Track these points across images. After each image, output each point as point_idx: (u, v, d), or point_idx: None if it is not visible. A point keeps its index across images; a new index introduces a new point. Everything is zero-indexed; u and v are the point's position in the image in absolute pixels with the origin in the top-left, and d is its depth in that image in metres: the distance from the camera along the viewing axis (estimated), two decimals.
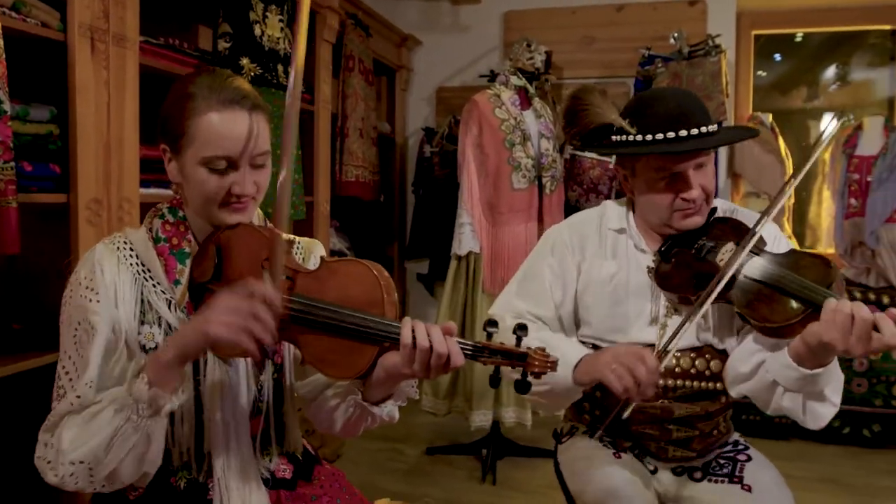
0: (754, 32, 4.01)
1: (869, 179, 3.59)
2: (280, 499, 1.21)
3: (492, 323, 1.05)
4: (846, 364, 3.26)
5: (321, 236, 2.95)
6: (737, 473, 1.44)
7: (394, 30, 3.91)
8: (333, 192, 3.24)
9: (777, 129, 3.80)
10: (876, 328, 1.10)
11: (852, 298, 1.13)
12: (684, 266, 1.38)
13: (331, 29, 2.89)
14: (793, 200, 3.87)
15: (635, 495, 1.34)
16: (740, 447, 1.52)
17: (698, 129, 1.34)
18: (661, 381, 1.41)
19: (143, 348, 1.12)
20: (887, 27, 3.94)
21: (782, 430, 3.36)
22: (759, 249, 1.33)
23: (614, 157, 1.62)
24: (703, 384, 1.44)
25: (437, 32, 4.18)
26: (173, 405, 1.03)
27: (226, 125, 1.09)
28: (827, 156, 3.88)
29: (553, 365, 0.99)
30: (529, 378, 0.99)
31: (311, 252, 1.34)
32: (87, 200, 1.75)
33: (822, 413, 1.28)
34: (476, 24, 4.11)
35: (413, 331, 1.00)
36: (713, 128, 1.37)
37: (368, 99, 3.39)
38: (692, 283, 1.35)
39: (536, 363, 0.98)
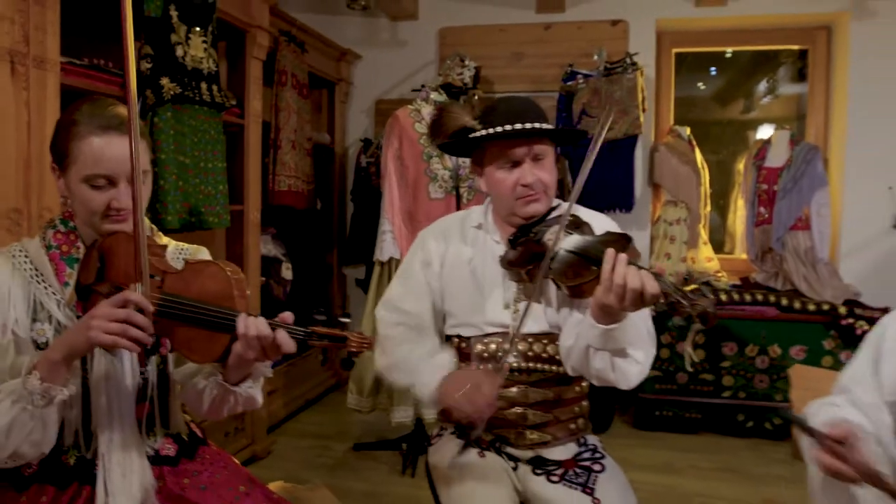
0: (675, 50, 4.25)
1: (776, 189, 3.85)
2: (163, 473, 1.37)
3: (345, 315, 1.24)
4: (749, 361, 3.50)
5: (251, 243, 3.11)
6: (589, 485, 1.56)
7: (332, 45, 4.08)
8: (267, 201, 3.40)
9: (694, 142, 4.04)
10: (642, 295, 1.27)
11: (762, 302, 1.26)
12: (524, 250, 1.56)
13: (261, 47, 3.05)
14: (709, 209, 4.12)
15: (496, 499, 1.49)
16: (597, 455, 1.64)
17: (531, 124, 1.53)
18: (519, 364, 1.58)
19: (35, 343, 1.28)
20: (796, 47, 4.21)
21: (692, 424, 3.59)
22: (576, 229, 1.50)
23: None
24: (554, 368, 1.59)
25: (376, 47, 4.37)
26: (64, 395, 1.19)
27: (104, 147, 1.26)
28: (741, 167, 4.14)
29: (369, 345, 1.19)
30: (353, 358, 1.18)
31: (196, 256, 1.51)
32: (6, 210, 1.89)
33: (628, 371, 1.44)
34: (413, 40, 4.31)
35: (245, 322, 1.19)
36: (547, 126, 1.55)
37: (302, 111, 3.56)
38: (528, 264, 1.52)
39: (354, 345, 1.18)
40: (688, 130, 4.03)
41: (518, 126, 1.52)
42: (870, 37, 3.76)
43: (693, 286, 1.17)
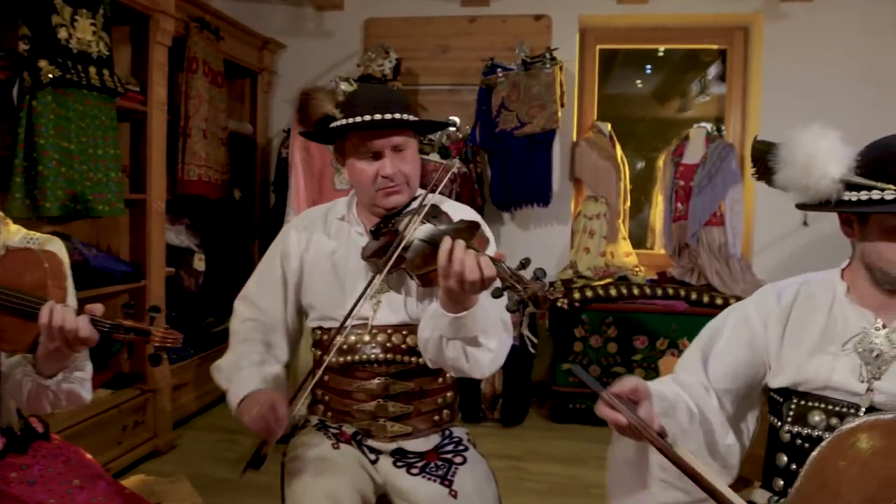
0: (599, 47, 4.29)
1: (692, 185, 3.92)
2: None
3: (154, 309, 1.21)
4: (659, 354, 3.56)
5: (154, 232, 3.04)
6: (448, 477, 1.56)
7: (253, 33, 4.01)
8: (176, 190, 3.33)
9: (615, 138, 4.09)
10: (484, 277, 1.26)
11: (673, 296, 1.26)
12: (383, 240, 1.55)
13: (165, 32, 2.98)
14: (629, 204, 4.17)
15: (336, 492, 1.47)
16: (460, 448, 1.63)
17: (392, 115, 1.51)
18: (377, 357, 1.57)
19: None
20: (716, 47, 4.29)
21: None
22: (433, 218, 1.49)
23: (333, 148, 1.73)
24: (414, 359, 1.57)
25: (302, 37, 4.31)
26: None
27: None
28: (661, 163, 4.21)
29: (174, 340, 1.16)
30: (159, 353, 1.16)
31: (44, 247, 1.46)
32: None
33: (481, 359, 1.44)
34: (338, 30, 4.27)
35: (49, 311, 1.15)
36: (408, 117, 1.53)
37: (216, 100, 3.49)
38: (383, 252, 1.51)
39: (158, 339, 1.16)
40: (609, 126, 4.08)
41: (378, 116, 1.50)
42: (782, 38, 3.86)
43: (520, 271, 1.18)
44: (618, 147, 4.08)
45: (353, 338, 1.60)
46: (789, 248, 3.95)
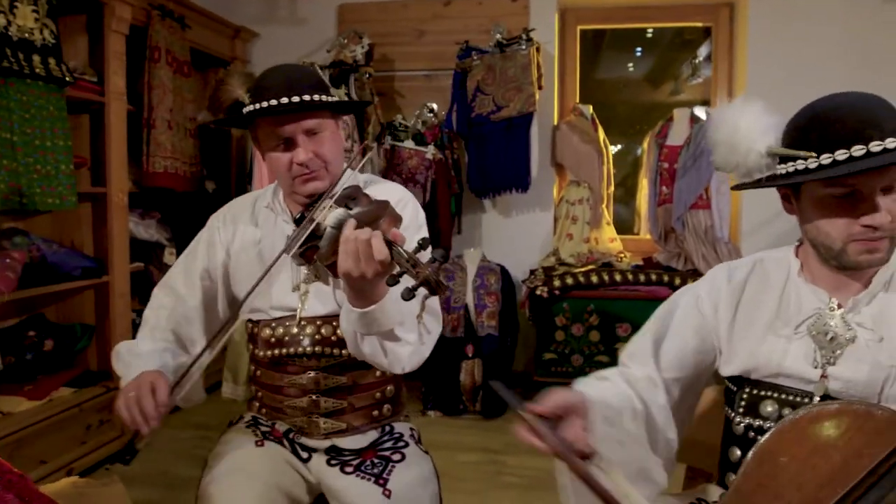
0: (580, 27, 4.17)
1: (676, 167, 3.81)
2: None
3: None
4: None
5: (117, 226, 2.97)
6: (383, 475, 1.47)
7: (222, 22, 3.92)
8: (142, 182, 3.26)
9: (597, 121, 3.98)
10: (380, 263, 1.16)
11: (656, 282, 1.18)
12: (302, 227, 1.46)
13: (121, 20, 2.90)
14: (612, 189, 4.07)
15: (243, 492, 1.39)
16: (401, 444, 1.55)
17: (300, 97, 1.41)
18: (305, 350, 1.48)
19: None
20: (700, 24, 4.16)
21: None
22: (351, 201, 1.39)
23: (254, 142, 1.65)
24: (345, 351, 1.45)
25: (275, 24, 4.22)
26: None
27: None
28: (646, 145, 4.09)
29: None
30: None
31: None
32: None
33: (399, 353, 1.34)
34: (312, 17, 4.17)
35: None
36: (321, 97, 1.44)
37: (182, 90, 3.41)
38: (305, 244, 1.41)
39: None
40: (590, 109, 3.96)
41: (284, 100, 1.41)
42: (768, 14, 3.73)
43: (416, 254, 1.08)
44: (600, 130, 3.96)
45: (280, 329, 1.52)
46: (778, 231, 3.82)
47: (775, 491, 0.95)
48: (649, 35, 5.05)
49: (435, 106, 3.84)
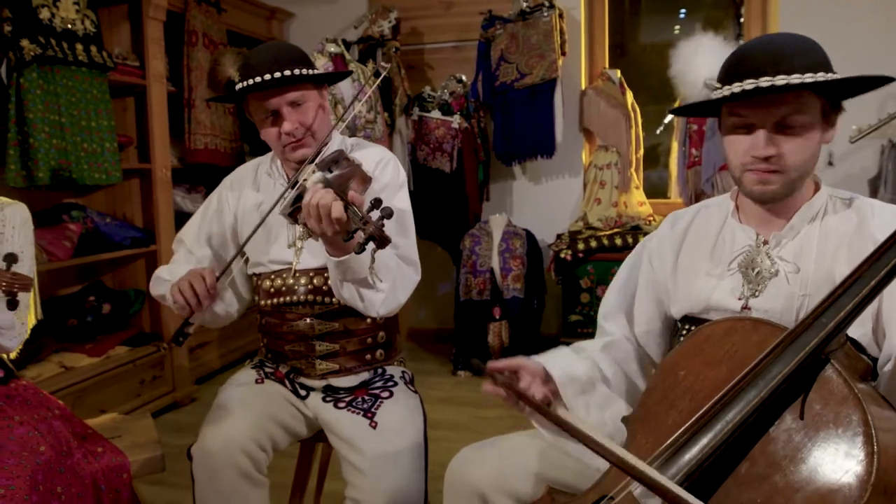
0: None
1: (705, 129, 3.78)
2: None
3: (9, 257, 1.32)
4: None
5: (162, 199, 3.22)
6: (371, 409, 1.63)
7: (258, 4, 4.11)
8: (186, 159, 3.51)
9: (626, 84, 3.99)
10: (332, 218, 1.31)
11: None
12: (286, 190, 1.61)
13: (158, 8, 3.11)
14: (641, 152, 4.07)
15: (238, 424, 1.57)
16: (391, 384, 1.70)
17: (281, 72, 1.55)
18: (300, 298, 1.65)
19: None
20: None
21: None
22: (334, 164, 1.49)
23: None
24: (336, 300, 1.61)
25: (309, 4, 4.38)
26: None
27: None
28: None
29: (21, 286, 1.26)
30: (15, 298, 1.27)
31: (2, 210, 1.60)
32: None
33: (373, 299, 1.50)
34: None
35: None
36: (301, 71, 1.57)
37: None
38: (293, 205, 1.57)
39: (4, 285, 1.26)
40: (618, 73, 3.97)
41: (268, 76, 1.54)
42: None
43: (369, 212, 1.23)
44: (629, 94, 3.97)
45: (279, 281, 1.69)
46: None
47: (672, 401, 1.05)
48: None
49: (464, 77, 3.93)
